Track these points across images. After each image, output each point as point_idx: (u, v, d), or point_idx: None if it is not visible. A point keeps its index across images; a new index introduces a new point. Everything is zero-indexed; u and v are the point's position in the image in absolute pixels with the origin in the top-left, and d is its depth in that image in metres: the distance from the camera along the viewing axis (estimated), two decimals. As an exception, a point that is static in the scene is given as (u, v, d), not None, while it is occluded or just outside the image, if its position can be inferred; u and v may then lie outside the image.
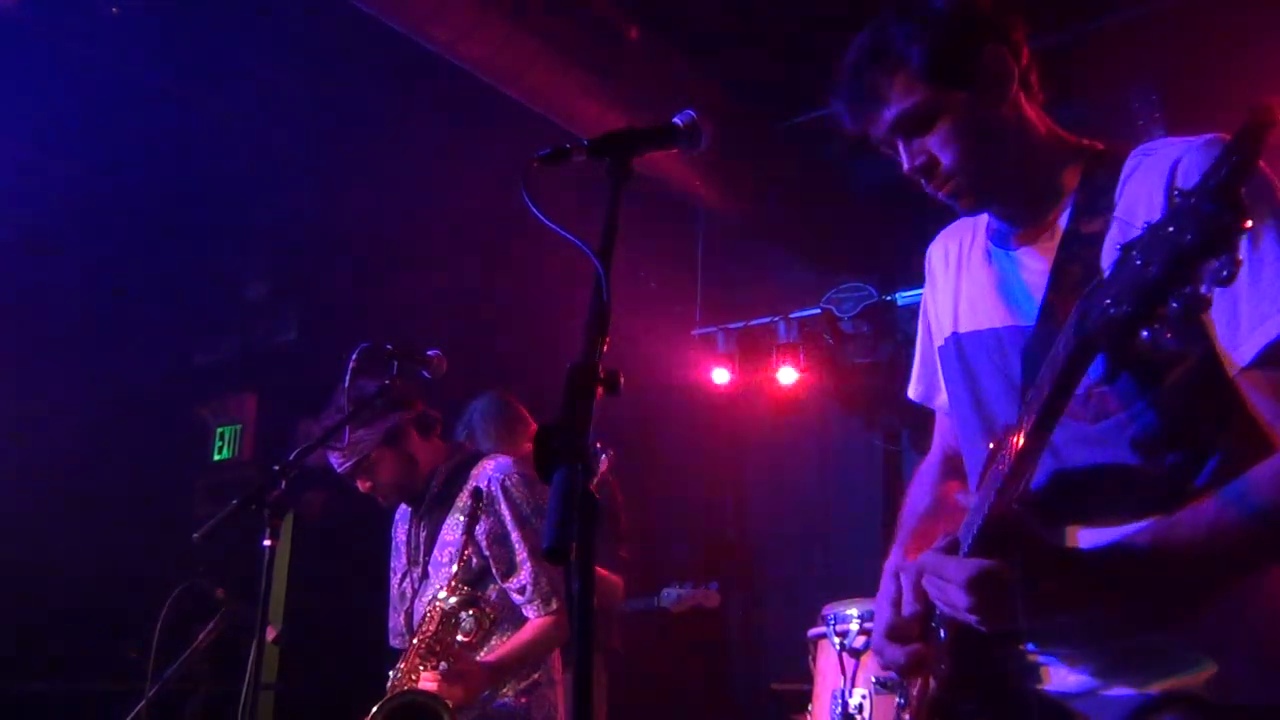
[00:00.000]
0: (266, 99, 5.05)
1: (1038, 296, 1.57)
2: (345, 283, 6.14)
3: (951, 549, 1.49)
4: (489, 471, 3.11)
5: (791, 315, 6.08)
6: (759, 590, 6.26)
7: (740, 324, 6.24)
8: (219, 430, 6.17)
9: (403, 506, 3.32)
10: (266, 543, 2.54)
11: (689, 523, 6.54)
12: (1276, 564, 1.44)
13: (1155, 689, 1.45)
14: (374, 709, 2.71)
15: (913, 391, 2.01)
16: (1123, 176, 1.53)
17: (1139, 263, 1.06)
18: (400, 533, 3.32)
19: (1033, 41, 1.66)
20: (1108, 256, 1.47)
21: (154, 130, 5.02)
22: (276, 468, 2.61)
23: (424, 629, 2.88)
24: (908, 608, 1.65)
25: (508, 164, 1.75)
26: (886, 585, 1.72)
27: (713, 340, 6.29)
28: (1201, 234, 1.00)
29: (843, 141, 1.70)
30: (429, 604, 2.94)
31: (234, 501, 2.55)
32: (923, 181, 1.63)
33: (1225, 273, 0.99)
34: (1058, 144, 1.64)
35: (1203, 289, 1.02)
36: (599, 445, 4.31)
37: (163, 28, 4.62)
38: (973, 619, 1.41)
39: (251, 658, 2.44)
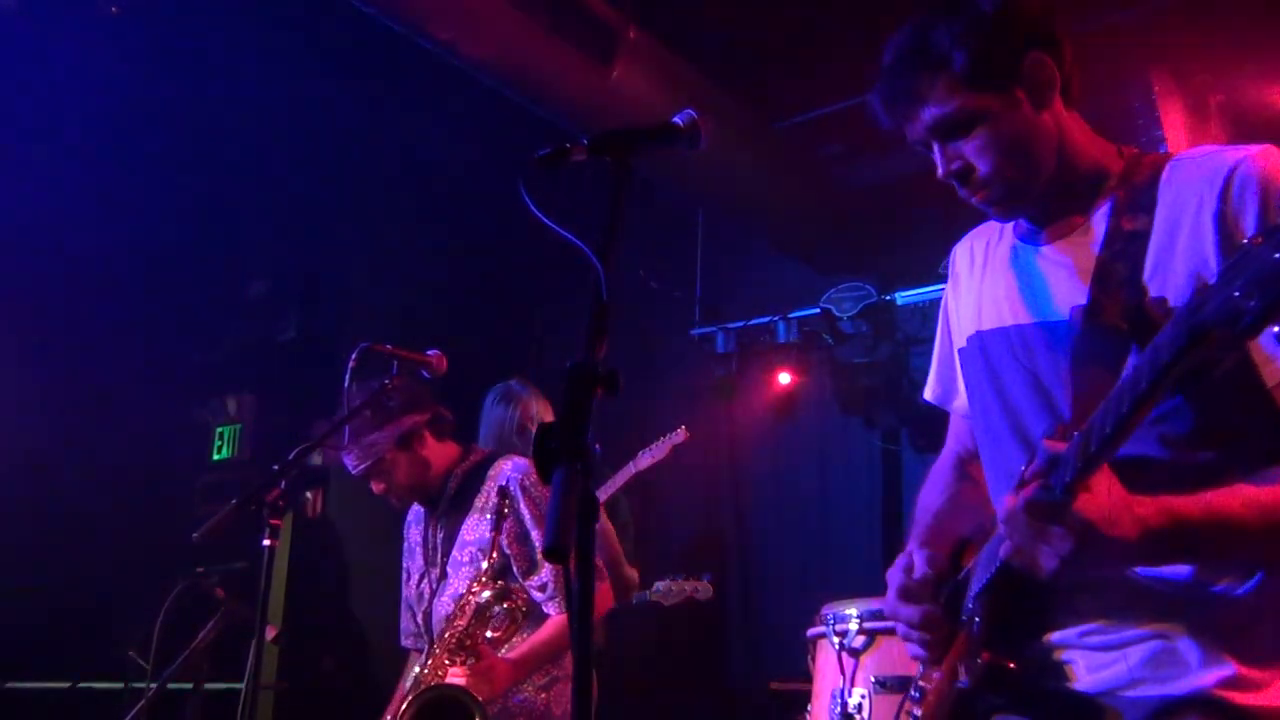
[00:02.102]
0: (267, 98, 5.06)
1: (1068, 293, 1.56)
2: (345, 283, 6.15)
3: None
4: (508, 472, 3.12)
5: (791, 315, 6.08)
6: (758, 589, 6.25)
7: (740, 324, 6.24)
8: (219, 430, 6.16)
9: (416, 507, 3.32)
10: (266, 543, 2.54)
11: (688, 523, 6.53)
12: None
13: (1176, 690, 1.45)
14: (403, 704, 2.74)
15: (929, 393, 1.98)
16: (1164, 179, 1.52)
17: (1275, 256, 1.01)
18: (414, 534, 3.32)
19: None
20: (1152, 255, 1.46)
21: (154, 129, 5.03)
22: (276, 468, 2.62)
23: (455, 623, 2.90)
24: (919, 571, 1.66)
25: (509, 162, 1.75)
26: (899, 560, 1.72)
27: (712, 340, 6.29)
28: None
29: (842, 141, 1.70)
30: (459, 600, 2.95)
31: (234, 501, 2.56)
32: (956, 185, 1.61)
33: None
34: (1096, 149, 1.63)
35: None
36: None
37: (163, 26, 4.62)
38: (1052, 566, 1.32)
39: (251, 658, 2.45)
